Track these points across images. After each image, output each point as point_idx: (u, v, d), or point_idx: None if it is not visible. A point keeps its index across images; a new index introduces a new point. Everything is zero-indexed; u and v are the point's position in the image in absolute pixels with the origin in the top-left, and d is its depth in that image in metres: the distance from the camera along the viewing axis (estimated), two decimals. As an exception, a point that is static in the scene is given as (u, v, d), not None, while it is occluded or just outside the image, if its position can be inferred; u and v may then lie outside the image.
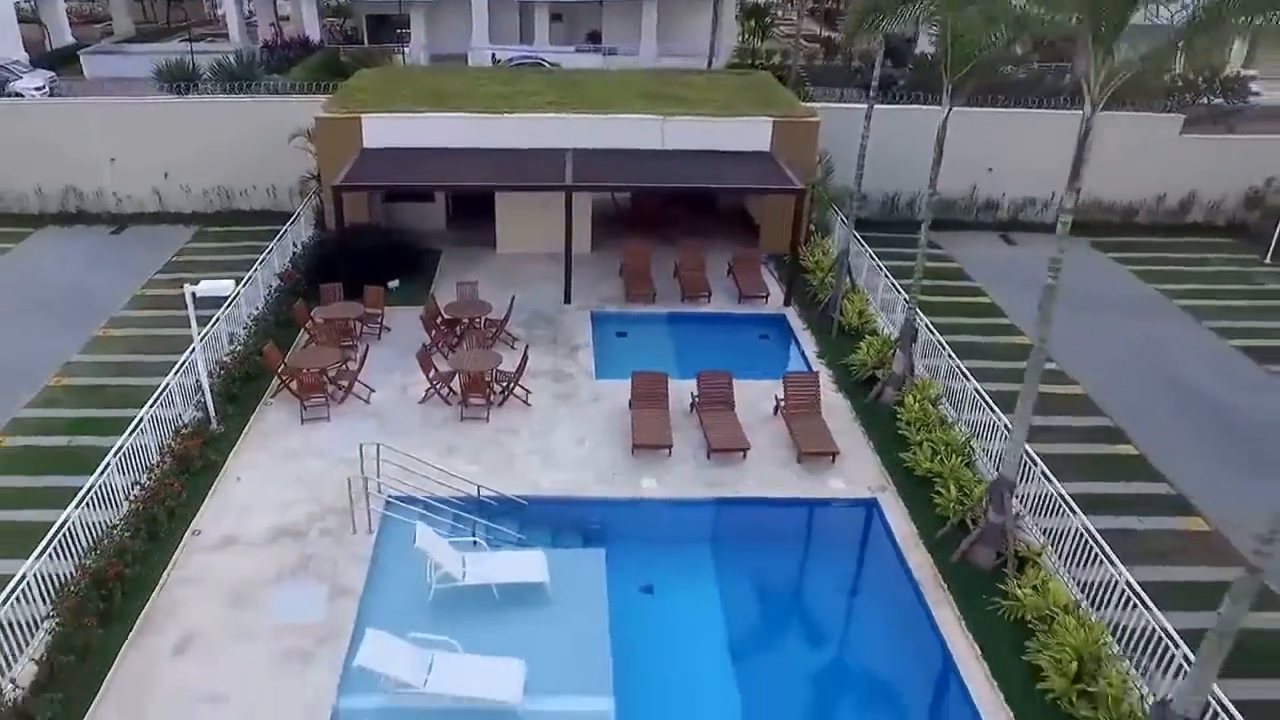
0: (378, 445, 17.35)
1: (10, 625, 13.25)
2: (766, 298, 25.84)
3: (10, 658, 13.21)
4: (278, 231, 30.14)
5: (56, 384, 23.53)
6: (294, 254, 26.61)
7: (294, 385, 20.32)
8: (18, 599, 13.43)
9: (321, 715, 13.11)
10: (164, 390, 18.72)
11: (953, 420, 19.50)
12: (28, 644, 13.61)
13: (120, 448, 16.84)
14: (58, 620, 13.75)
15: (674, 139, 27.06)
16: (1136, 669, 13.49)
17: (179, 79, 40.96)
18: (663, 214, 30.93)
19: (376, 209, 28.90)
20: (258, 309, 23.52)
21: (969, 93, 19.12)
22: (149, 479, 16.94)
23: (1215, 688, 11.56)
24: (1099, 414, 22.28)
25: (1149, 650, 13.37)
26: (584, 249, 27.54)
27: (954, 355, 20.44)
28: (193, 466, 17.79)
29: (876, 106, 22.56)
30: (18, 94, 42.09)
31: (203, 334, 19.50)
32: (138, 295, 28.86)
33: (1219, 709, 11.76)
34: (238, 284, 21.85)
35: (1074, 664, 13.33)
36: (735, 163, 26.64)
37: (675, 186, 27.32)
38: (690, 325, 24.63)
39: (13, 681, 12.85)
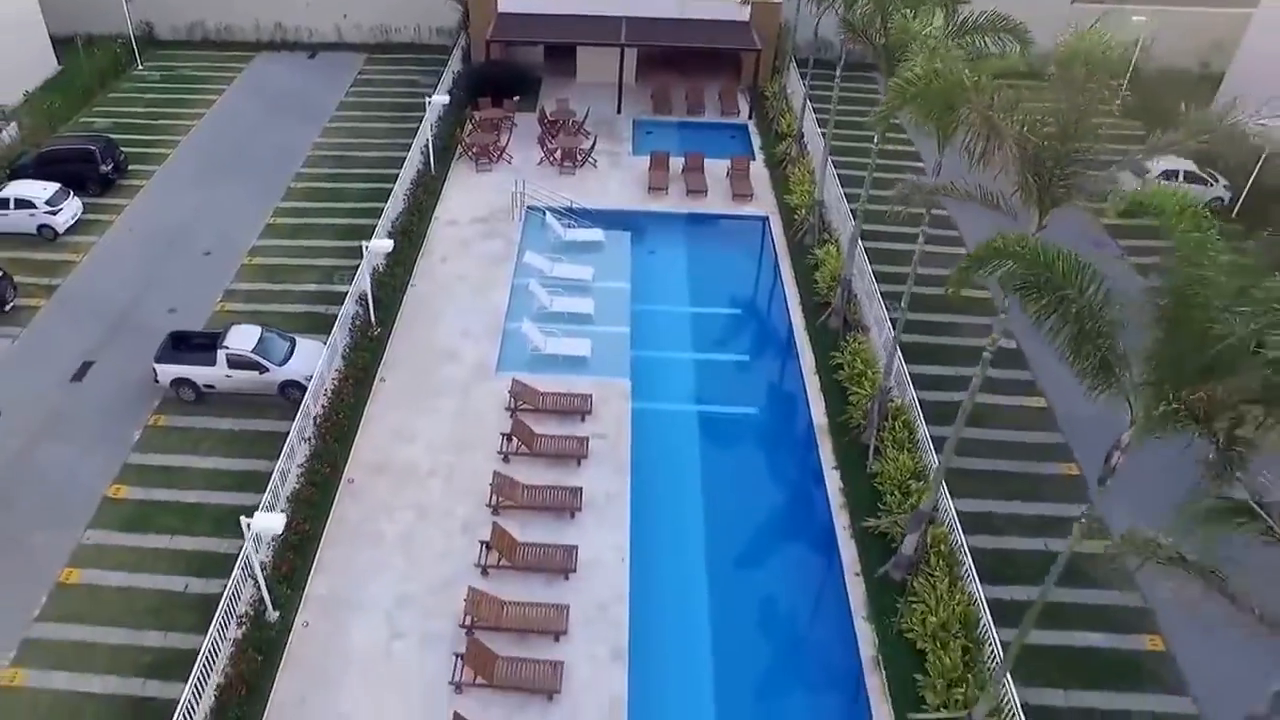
0: (522, 180, 35.10)
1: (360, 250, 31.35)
2: (738, 114, 42.60)
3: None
4: (425, 59, 46.98)
5: (314, 154, 41.17)
6: (454, 77, 43.51)
7: (471, 152, 37.96)
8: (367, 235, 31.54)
9: (507, 282, 31.32)
10: (411, 154, 36.41)
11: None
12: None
13: (402, 179, 34.75)
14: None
15: (689, 11, 43.15)
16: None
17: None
18: (682, 59, 47.17)
19: (501, 50, 45.46)
20: (440, 113, 40.71)
21: None
22: (409, 193, 34.76)
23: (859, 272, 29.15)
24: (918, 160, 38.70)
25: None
26: (630, 80, 44.13)
27: (826, 148, 37.06)
28: (430, 189, 35.69)
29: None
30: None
31: (425, 122, 36.91)
32: (343, 101, 46.02)
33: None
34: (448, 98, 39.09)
35: (833, 280, 30.83)
36: (726, 29, 42.82)
37: (687, 46, 43.75)
38: (689, 128, 41.85)
39: (369, 273, 30.99)
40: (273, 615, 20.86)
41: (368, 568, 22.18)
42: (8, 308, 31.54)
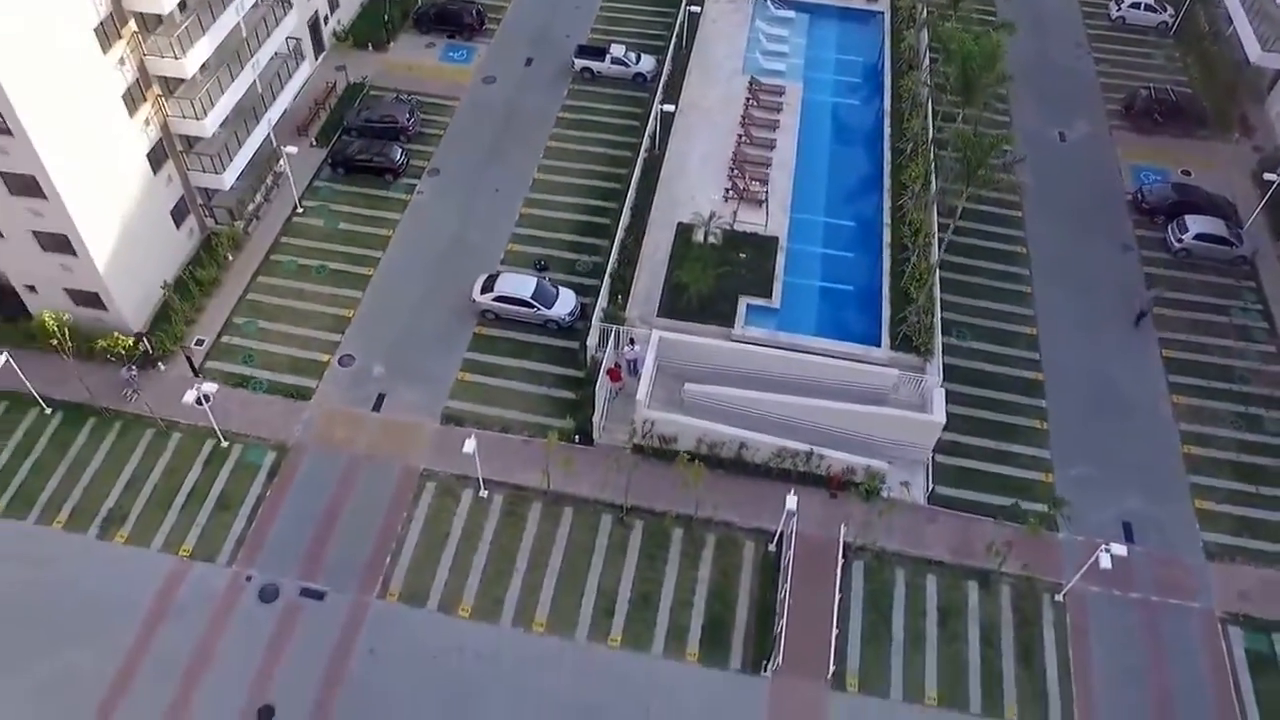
0: (753, -20, 66.63)
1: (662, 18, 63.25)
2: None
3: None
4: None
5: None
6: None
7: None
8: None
9: (745, 34, 63.54)
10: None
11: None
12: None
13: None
14: None
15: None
16: None
17: None
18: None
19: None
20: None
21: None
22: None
23: None
24: None
25: None
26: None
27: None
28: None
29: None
30: None
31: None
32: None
33: None
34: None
35: (911, 48, 61.36)
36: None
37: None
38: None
39: (683, 20, 62.92)
40: (658, 150, 54.61)
41: (691, 140, 55.63)
42: (483, 27, 65.20)
